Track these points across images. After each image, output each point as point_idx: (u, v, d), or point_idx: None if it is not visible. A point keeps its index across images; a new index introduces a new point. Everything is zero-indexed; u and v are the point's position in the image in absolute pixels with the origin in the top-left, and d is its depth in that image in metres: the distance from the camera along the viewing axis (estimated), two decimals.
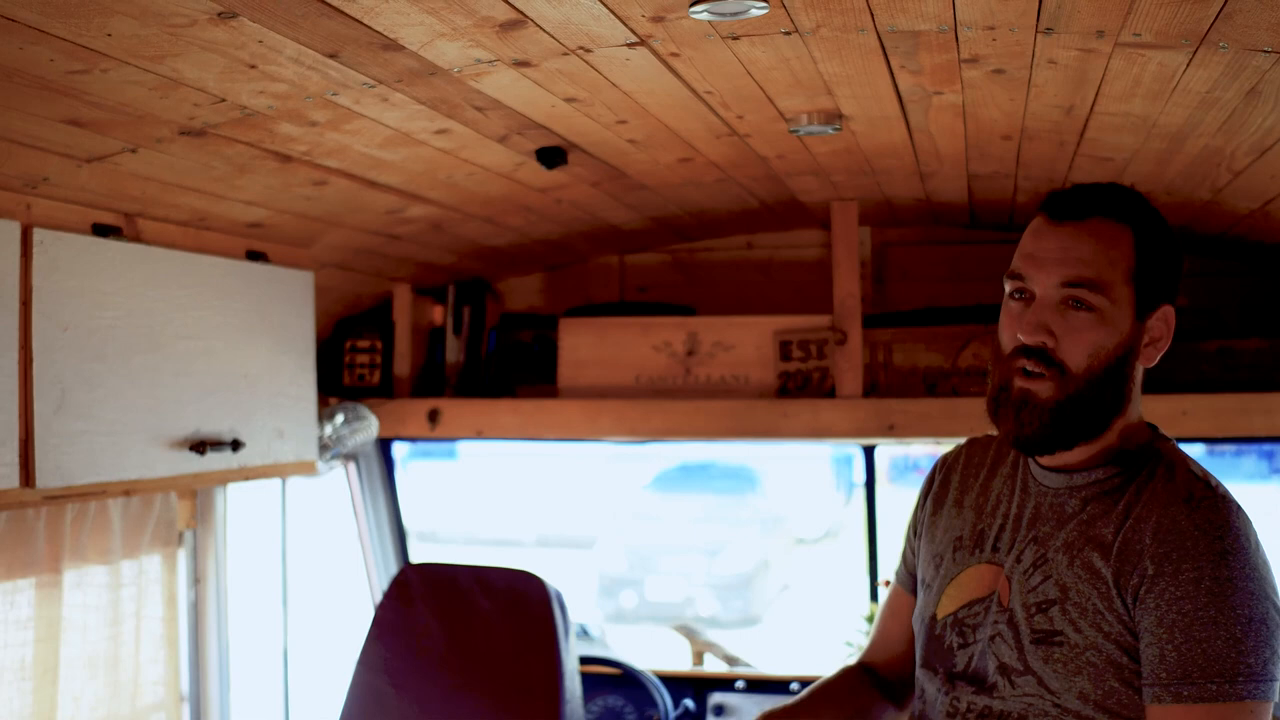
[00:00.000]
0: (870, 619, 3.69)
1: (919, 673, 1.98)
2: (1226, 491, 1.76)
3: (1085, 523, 1.81)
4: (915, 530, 2.15)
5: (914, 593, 2.11)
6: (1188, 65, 1.89)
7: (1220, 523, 1.70)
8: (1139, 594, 1.70)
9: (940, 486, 2.10)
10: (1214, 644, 1.62)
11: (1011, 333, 1.84)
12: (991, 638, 1.83)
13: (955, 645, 1.89)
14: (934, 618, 1.95)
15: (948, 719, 1.85)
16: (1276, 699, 1.64)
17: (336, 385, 3.75)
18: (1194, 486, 1.76)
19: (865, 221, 3.63)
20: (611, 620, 11.91)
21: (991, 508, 1.97)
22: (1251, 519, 1.74)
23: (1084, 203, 1.83)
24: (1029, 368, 1.80)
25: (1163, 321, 1.84)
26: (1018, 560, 1.85)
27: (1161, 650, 1.66)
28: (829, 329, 3.48)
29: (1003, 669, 1.80)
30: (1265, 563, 1.69)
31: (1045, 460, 1.88)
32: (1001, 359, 1.86)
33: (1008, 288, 1.88)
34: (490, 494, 16.42)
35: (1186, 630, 1.64)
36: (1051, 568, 1.80)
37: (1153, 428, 1.92)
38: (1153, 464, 1.82)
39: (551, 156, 2.62)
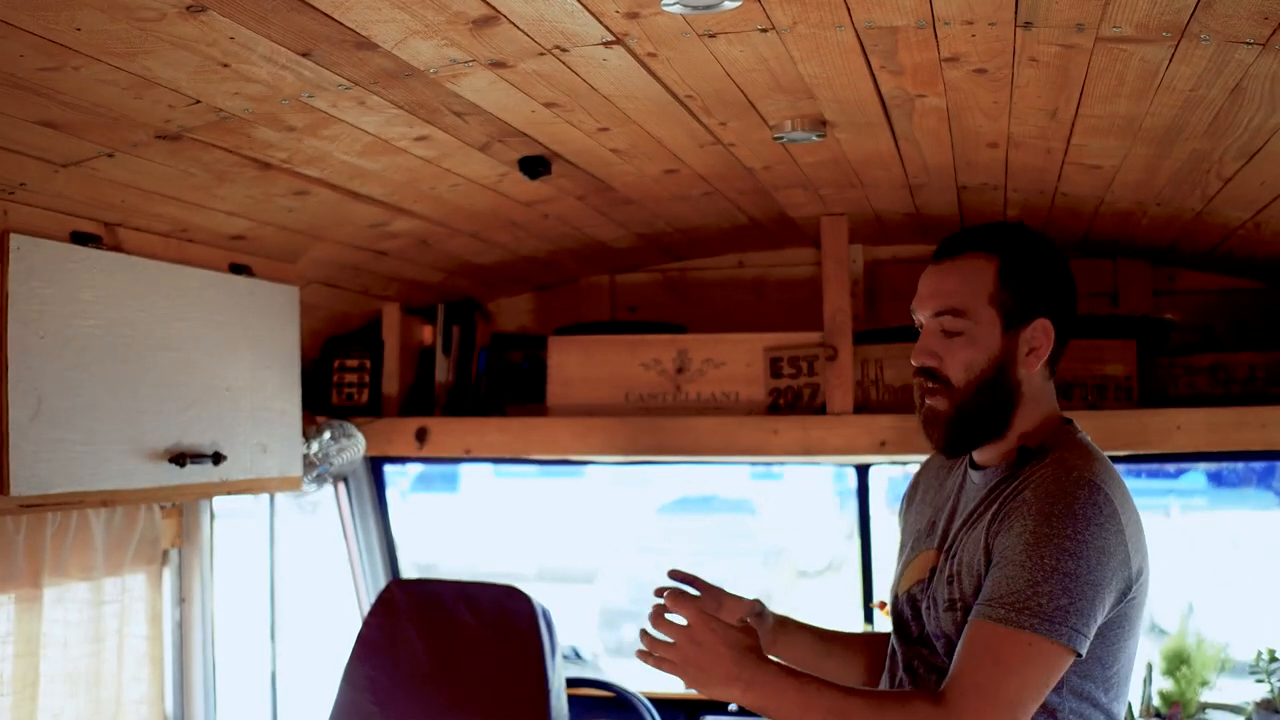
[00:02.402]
0: None
1: (891, 639, 2.25)
2: (1095, 481, 1.94)
3: (983, 507, 2.06)
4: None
5: None
6: (1170, 60, 1.87)
7: (1061, 491, 1.93)
8: (991, 549, 1.98)
9: (911, 489, 2.43)
10: (1016, 581, 1.88)
11: (912, 358, 2.14)
12: (927, 609, 2.10)
13: (909, 616, 2.16)
14: (896, 594, 2.24)
15: (905, 673, 2.14)
16: (1074, 646, 1.86)
17: (325, 404, 3.73)
18: (1063, 468, 1.98)
19: (856, 239, 3.61)
20: (612, 653, 11.82)
21: (941, 502, 2.25)
22: (1116, 510, 1.93)
23: (958, 243, 2.12)
24: (927, 385, 2.11)
25: (1041, 332, 2.08)
26: (942, 544, 2.14)
27: (984, 584, 1.94)
28: (819, 345, 3.46)
29: (935, 634, 2.07)
30: (1103, 534, 1.89)
31: (975, 458, 2.17)
32: (915, 382, 2.16)
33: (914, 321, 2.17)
34: (492, 527, 16.34)
35: (1002, 567, 1.91)
36: (956, 547, 2.08)
37: (1067, 421, 2.14)
38: (1043, 458, 2.04)
39: (534, 166, 2.60)
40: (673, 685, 4.00)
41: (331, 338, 3.80)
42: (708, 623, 2.01)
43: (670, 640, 2.04)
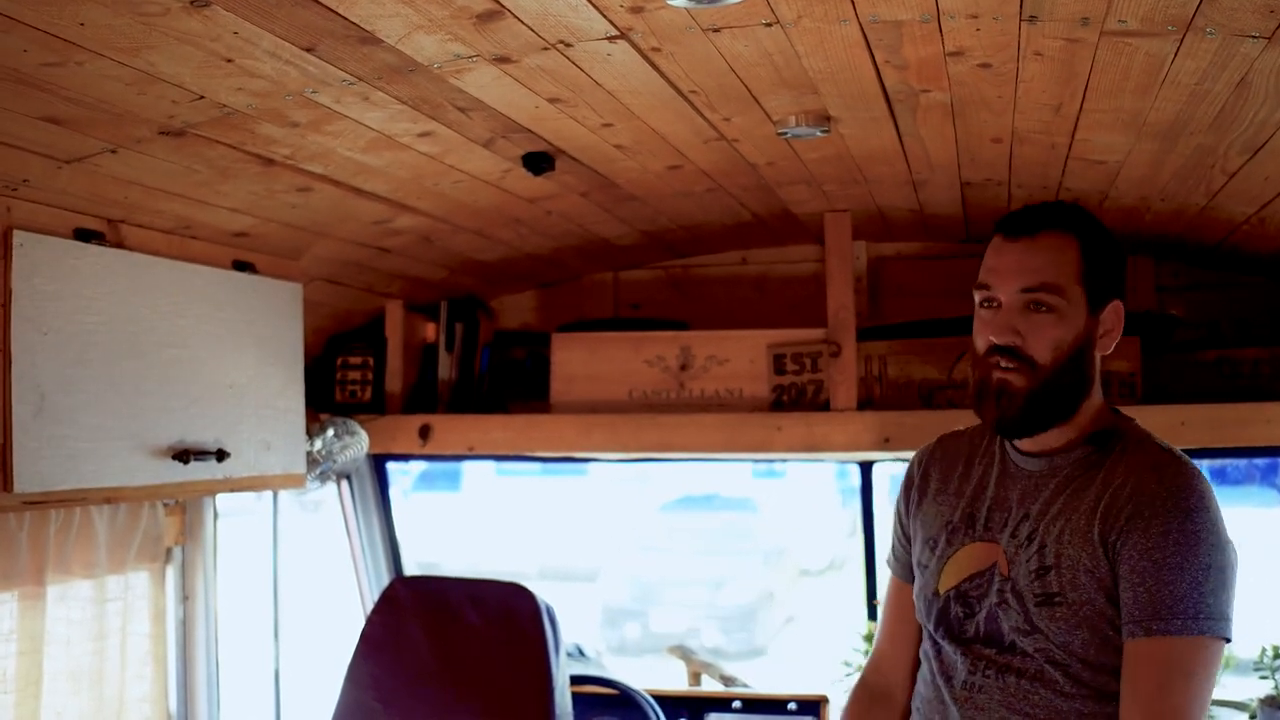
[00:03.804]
0: (869, 638, 3.64)
1: (929, 641, 2.18)
2: (1188, 460, 2.01)
3: (1070, 496, 2.03)
4: (902, 524, 2.36)
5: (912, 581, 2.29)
6: (1175, 54, 1.87)
7: (1184, 485, 1.94)
8: (1117, 548, 1.94)
9: (921, 480, 2.32)
10: (1179, 586, 1.87)
11: (984, 335, 2.07)
12: (998, 604, 2.04)
13: (962, 614, 2.09)
14: (936, 592, 2.15)
15: (970, 675, 2.06)
16: (1230, 635, 1.89)
17: (328, 402, 3.73)
18: (1160, 456, 2.01)
19: (860, 236, 3.61)
20: (615, 652, 11.83)
21: (975, 492, 2.18)
22: (1210, 484, 1.98)
23: (1035, 219, 2.07)
24: (1004, 363, 2.04)
25: (1114, 314, 2.09)
26: (1013, 536, 2.06)
27: (1135, 593, 1.90)
28: (823, 341, 3.46)
29: (1014, 630, 2.01)
30: (1221, 519, 1.94)
31: (1025, 445, 2.11)
32: (979, 360, 2.10)
33: (977, 298, 2.11)
34: (493, 525, 16.36)
35: (1157, 575, 1.88)
36: (1044, 539, 2.01)
37: (1115, 410, 2.15)
38: (1122, 440, 2.06)
39: (538, 162, 2.60)
40: (677, 683, 4.02)
41: (334, 335, 3.80)
42: None
43: None
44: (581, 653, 3.96)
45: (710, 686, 4.01)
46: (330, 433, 3.42)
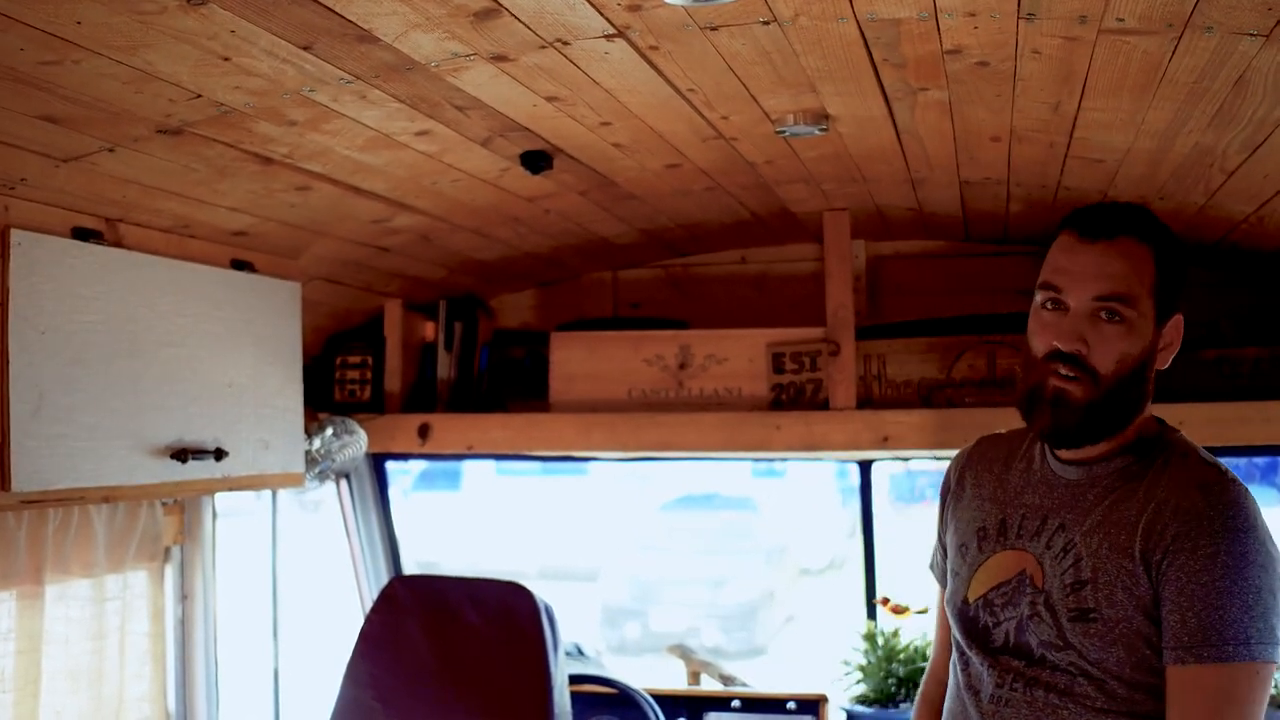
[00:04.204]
0: (869, 637, 3.64)
1: (957, 651, 2.14)
2: (1235, 476, 1.92)
3: (1109, 508, 1.96)
4: (942, 527, 2.29)
5: None
6: (1174, 52, 1.87)
7: (1232, 504, 1.87)
8: (1162, 568, 1.87)
9: (958, 483, 2.26)
10: (1229, 611, 1.81)
11: (1046, 339, 1.98)
12: (1029, 617, 1.98)
13: (990, 624, 2.04)
14: (965, 600, 2.10)
15: (997, 688, 2.00)
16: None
17: (327, 401, 3.73)
18: (1207, 473, 1.93)
19: (859, 235, 3.61)
20: (614, 651, 11.83)
21: (1011, 499, 2.12)
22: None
23: (1113, 222, 1.97)
24: (1064, 371, 1.96)
25: (1175, 328, 2.04)
26: (1047, 546, 2.00)
27: (1183, 616, 1.83)
28: (822, 340, 3.46)
29: (1044, 644, 1.95)
30: (1269, 537, 1.87)
31: (1066, 454, 2.04)
32: (1034, 362, 2.01)
33: (1039, 297, 2.01)
34: (493, 525, 16.36)
35: (1205, 599, 1.82)
36: (1081, 551, 1.95)
37: (1160, 420, 2.08)
38: (1166, 453, 1.98)
39: (536, 161, 2.60)
40: (676, 682, 4.02)
41: (333, 334, 3.80)
42: None
43: None
44: (581, 652, 3.96)
45: (710, 686, 4.01)
46: (329, 432, 3.42)
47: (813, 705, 3.60)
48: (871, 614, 3.79)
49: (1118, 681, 1.89)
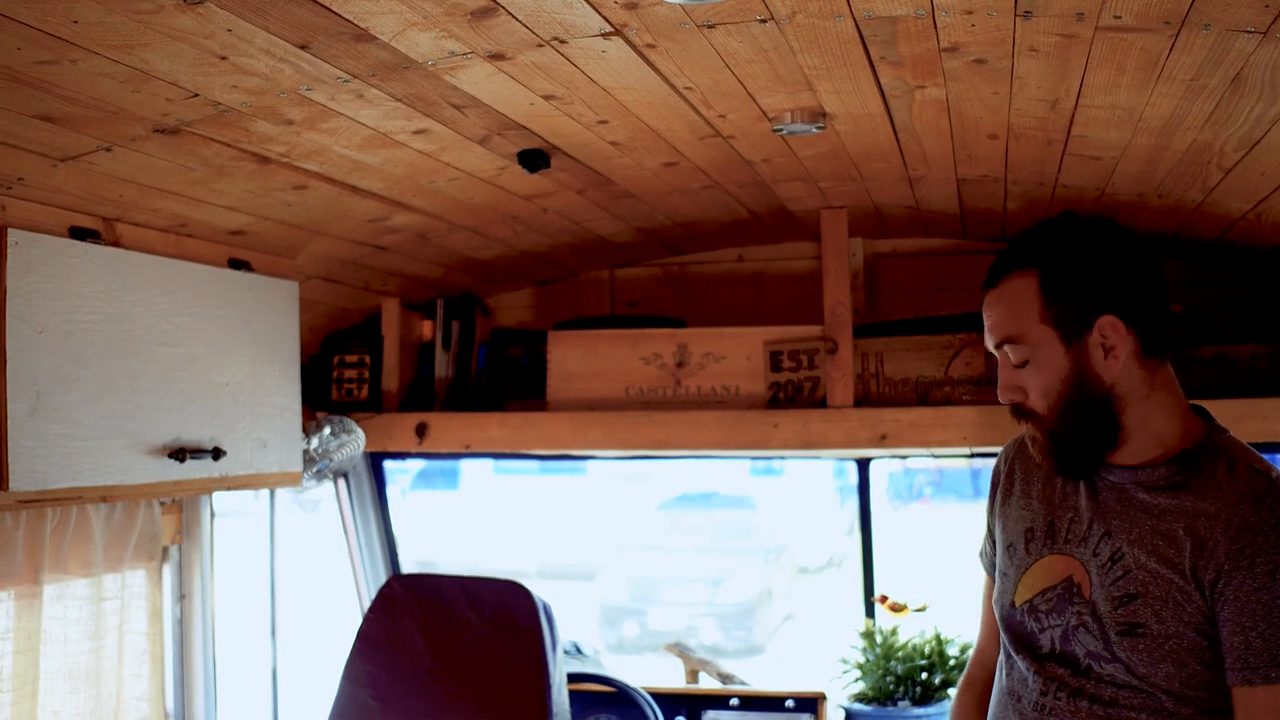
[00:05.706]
0: (867, 635, 3.64)
1: (1003, 653, 2.13)
2: None
3: (1155, 517, 1.93)
4: (991, 518, 2.27)
5: None
6: (1171, 49, 1.87)
7: None
8: (1216, 587, 1.84)
9: (1007, 477, 2.23)
10: None
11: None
12: (1075, 627, 1.97)
13: (1035, 630, 2.03)
14: (1012, 604, 2.09)
15: (1041, 696, 1.99)
16: None
17: (325, 400, 3.73)
18: (1256, 483, 1.88)
19: (856, 233, 3.61)
20: (613, 650, 11.84)
21: (1059, 500, 2.09)
22: None
23: (999, 266, 2.05)
24: (1018, 419, 2.06)
25: (1109, 330, 1.96)
26: (1094, 554, 1.98)
27: (1247, 638, 1.81)
28: (819, 338, 3.46)
29: (1091, 655, 1.94)
30: None
31: (1110, 456, 2.02)
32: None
33: None
34: (491, 523, 16.37)
35: (1268, 618, 1.80)
36: (1130, 562, 1.93)
37: (1207, 420, 2.06)
38: (1214, 459, 1.94)
39: (533, 159, 2.60)
40: (675, 681, 4.02)
41: (331, 333, 3.80)
42: None
43: None
44: (579, 650, 3.96)
45: (708, 684, 4.01)
46: (327, 431, 3.42)
47: (811, 703, 3.60)
48: (870, 612, 3.79)
49: (1166, 695, 1.87)
